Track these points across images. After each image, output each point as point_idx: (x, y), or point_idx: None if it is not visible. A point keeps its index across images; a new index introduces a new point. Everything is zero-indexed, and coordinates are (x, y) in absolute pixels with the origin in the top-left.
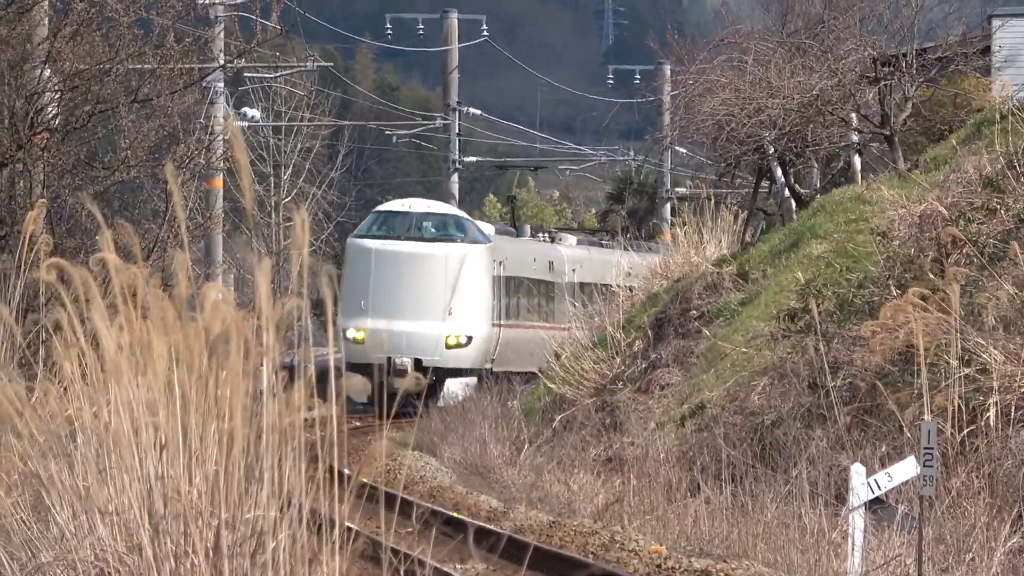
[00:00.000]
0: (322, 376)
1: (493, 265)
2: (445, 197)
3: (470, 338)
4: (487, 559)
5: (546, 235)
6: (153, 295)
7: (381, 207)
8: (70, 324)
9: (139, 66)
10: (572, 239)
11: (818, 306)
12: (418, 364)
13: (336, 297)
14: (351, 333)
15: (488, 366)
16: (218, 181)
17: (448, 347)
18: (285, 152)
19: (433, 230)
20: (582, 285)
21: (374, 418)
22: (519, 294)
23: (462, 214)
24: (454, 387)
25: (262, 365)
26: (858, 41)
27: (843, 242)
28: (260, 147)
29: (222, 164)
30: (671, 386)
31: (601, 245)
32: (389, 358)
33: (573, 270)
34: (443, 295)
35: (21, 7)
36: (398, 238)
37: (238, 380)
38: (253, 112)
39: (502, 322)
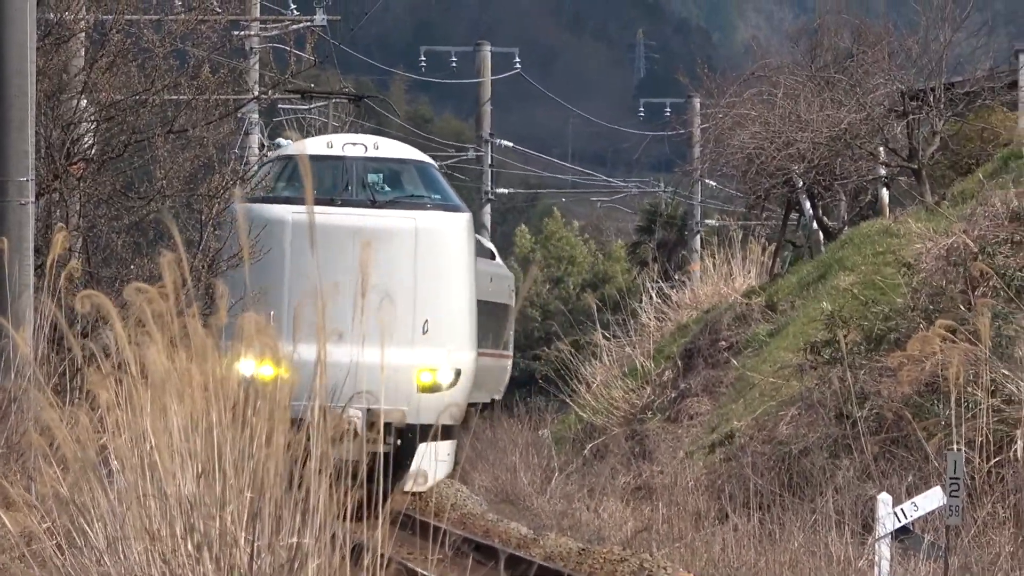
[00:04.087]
0: None
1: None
2: (477, 228)
3: (457, 373)
4: None
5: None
6: (191, 325)
7: (289, 147)
8: (106, 353)
9: (175, 97)
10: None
11: (845, 337)
12: (373, 420)
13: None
14: (249, 368)
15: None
16: None
17: (422, 388)
18: None
19: (388, 187)
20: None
21: None
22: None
23: (427, 159)
24: (430, 462)
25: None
26: (886, 75)
27: (871, 274)
28: None
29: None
30: (700, 415)
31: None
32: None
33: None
34: (411, 300)
35: (58, 38)
36: (329, 201)
37: (275, 408)
38: (287, 143)
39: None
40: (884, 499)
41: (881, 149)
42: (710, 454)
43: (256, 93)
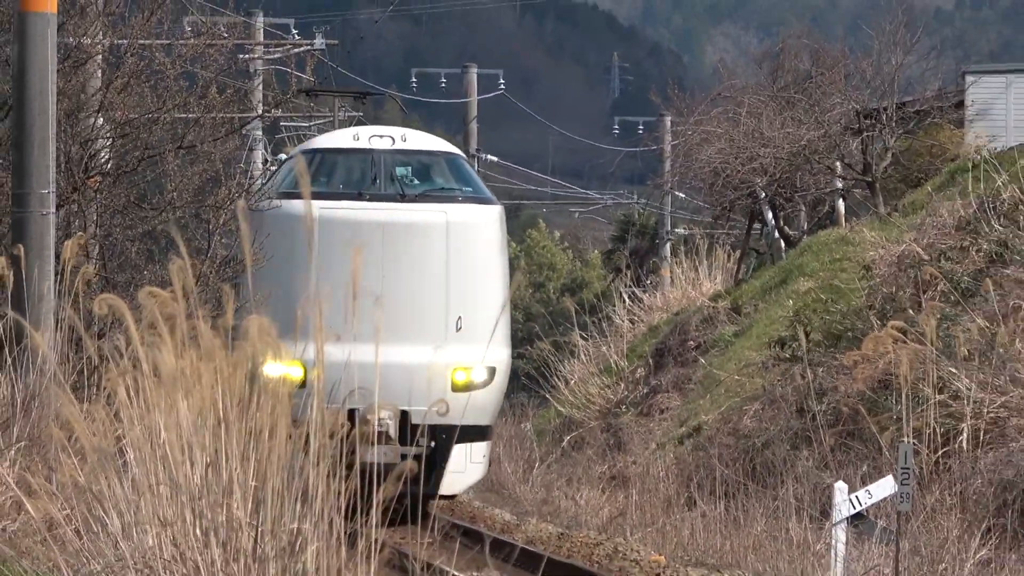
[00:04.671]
0: None
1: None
2: None
3: (492, 371)
4: (502, 568)
5: None
6: (201, 326)
7: (314, 141)
8: (121, 352)
9: (184, 115)
10: None
11: (805, 337)
12: (405, 421)
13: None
14: (275, 369)
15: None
16: None
17: (456, 388)
18: None
19: (417, 180)
20: None
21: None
22: None
23: (456, 150)
24: (462, 464)
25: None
26: (843, 96)
27: (828, 279)
28: None
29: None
30: (670, 410)
31: None
32: (352, 412)
33: None
34: (443, 295)
35: (76, 61)
36: (357, 196)
37: (278, 403)
38: (293, 155)
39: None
40: (840, 487)
41: (838, 164)
42: (679, 446)
43: (259, 111)
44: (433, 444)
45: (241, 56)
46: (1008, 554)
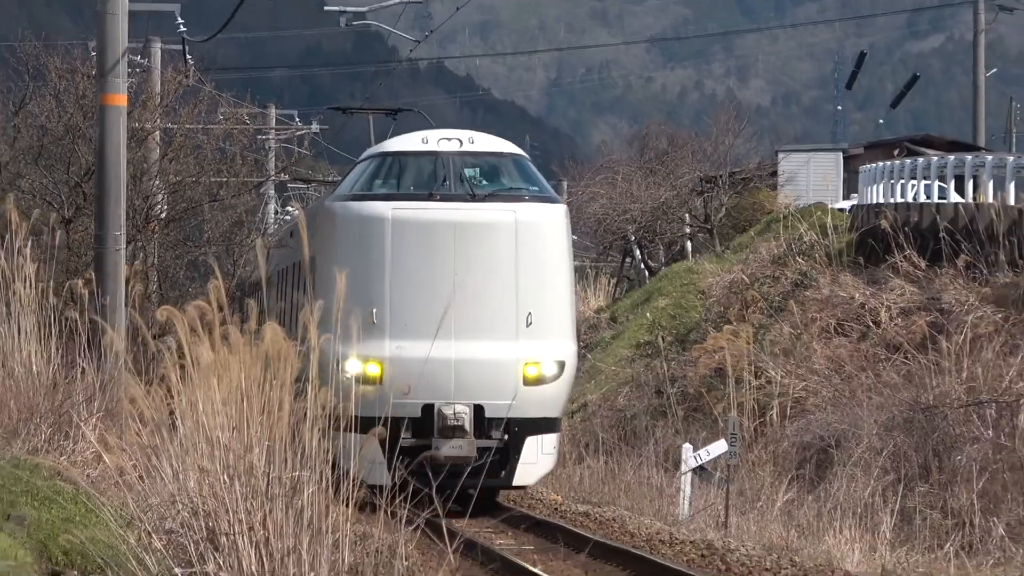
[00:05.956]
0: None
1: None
2: None
3: (561, 365)
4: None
5: None
6: (230, 329)
7: (385, 145)
8: (171, 348)
9: (217, 178)
10: None
11: (662, 339)
12: (479, 414)
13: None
14: (353, 367)
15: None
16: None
17: (528, 382)
18: None
19: (485, 181)
20: None
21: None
22: None
23: (522, 152)
24: (534, 456)
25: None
26: (690, 167)
27: (679, 298)
28: None
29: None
30: None
31: None
32: (429, 407)
33: None
34: (512, 292)
35: (140, 139)
36: (428, 196)
37: (285, 386)
38: (294, 210)
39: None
40: (687, 448)
41: (687, 215)
42: (571, 418)
43: (271, 175)
44: (506, 437)
45: (259, 136)
46: (806, 495)
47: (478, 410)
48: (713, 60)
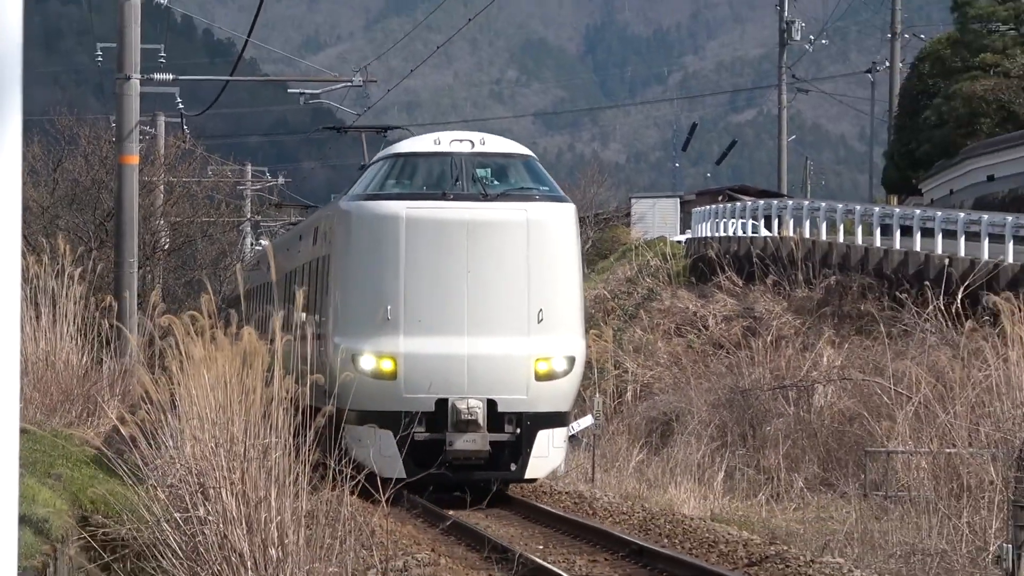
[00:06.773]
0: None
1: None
2: None
3: (571, 361)
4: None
5: None
6: (218, 333)
7: (398, 146)
8: (172, 346)
9: (207, 219)
10: None
11: None
12: (492, 409)
13: (328, 304)
14: (368, 363)
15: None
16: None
17: (539, 377)
18: None
19: (496, 181)
20: None
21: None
22: None
23: (531, 153)
24: (545, 449)
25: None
26: None
27: None
28: None
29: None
30: None
31: None
32: (443, 401)
33: None
34: (524, 289)
35: (149, 188)
36: (441, 196)
37: (257, 375)
38: (266, 243)
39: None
40: None
41: None
42: None
43: (248, 217)
44: (518, 431)
45: (239, 187)
46: (653, 457)
47: (491, 404)
48: (582, 129)
